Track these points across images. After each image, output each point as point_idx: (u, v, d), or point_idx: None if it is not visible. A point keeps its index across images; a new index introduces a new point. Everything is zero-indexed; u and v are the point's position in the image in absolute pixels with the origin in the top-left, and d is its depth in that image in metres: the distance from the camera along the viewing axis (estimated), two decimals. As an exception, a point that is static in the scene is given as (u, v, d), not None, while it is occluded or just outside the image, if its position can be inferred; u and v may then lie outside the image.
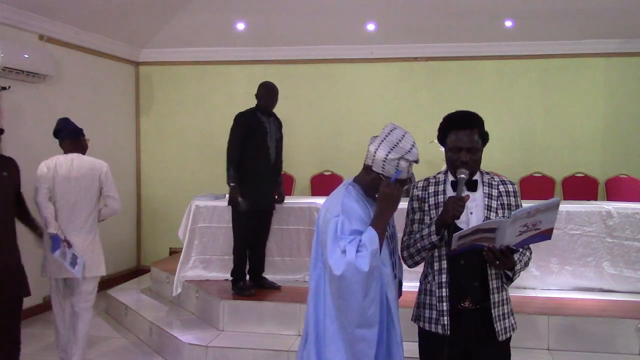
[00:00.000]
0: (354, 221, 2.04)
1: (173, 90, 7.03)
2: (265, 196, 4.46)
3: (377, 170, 2.10)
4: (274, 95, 4.46)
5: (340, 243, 1.99)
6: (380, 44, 6.59)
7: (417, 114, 6.52)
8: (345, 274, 1.94)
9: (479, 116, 2.24)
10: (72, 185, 3.72)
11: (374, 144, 2.13)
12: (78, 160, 3.79)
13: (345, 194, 2.12)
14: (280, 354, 3.86)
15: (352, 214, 2.05)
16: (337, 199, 2.11)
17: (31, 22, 5.17)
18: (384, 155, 2.07)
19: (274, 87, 4.49)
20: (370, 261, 1.95)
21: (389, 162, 2.07)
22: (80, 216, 3.75)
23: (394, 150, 2.07)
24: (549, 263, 4.54)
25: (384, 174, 2.09)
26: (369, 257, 1.95)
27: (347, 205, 2.07)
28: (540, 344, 3.87)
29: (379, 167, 2.09)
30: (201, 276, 4.86)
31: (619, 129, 6.34)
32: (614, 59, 6.32)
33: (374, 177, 2.12)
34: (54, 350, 4.36)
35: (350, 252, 1.96)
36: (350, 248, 1.97)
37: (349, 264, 1.94)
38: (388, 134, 2.10)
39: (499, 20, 6.01)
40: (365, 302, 1.97)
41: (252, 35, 6.57)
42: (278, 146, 4.53)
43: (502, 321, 2.19)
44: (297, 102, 6.79)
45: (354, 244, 1.98)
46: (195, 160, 6.95)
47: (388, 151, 2.07)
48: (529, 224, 2.00)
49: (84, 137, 3.93)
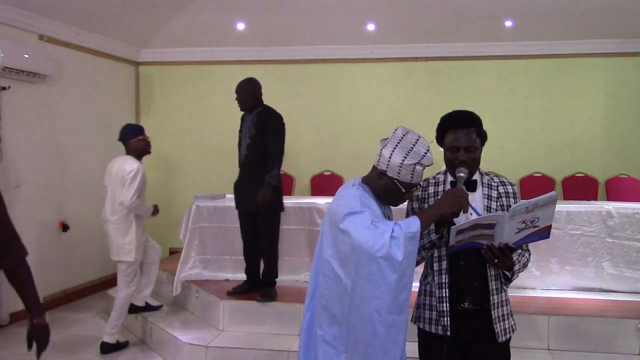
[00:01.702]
0: (377, 217, 2.02)
1: (173, 90, 7.04)
2: (240, 197, 4.35)
3: (392, 176, 2.05)
4: (240, 92, 4.30)
5: (379, 225, 1.94)
6: (380, 44, 6.60)
7: (417, 114, 6.52)
8: (382, 256, 1.90)
9: (477, 115, 2.24)
10: (110, 181, 4.38)
11: (387, 148, 2.07)
12: (117, 161, 4.42)
13: (361, 193, 2.09)
14: (280, 354, 3.86)
15: (375, 211, 2.04)
16: (352, 197, 2.06)
17: (31, 22, 5.17)
18: (399, 161, 2.03)
19: (240, 83, 4.34)
20: (405, 245, 1.90)
21: (405, 167, 2.03)
22: (113, 207, 4.32)
23: (410, 155, 2.03)
24: (549, 263, 4.54)
25: (400, 179, 2.05)
26: (402, 242, 1.90)
27: (366, 202, 2.05)
28: (540, 344, 3.87)
29: (395, 173, 2.05)
30: (201, 276, 4.86)
31: (619, 129, 6.34)
32: (614, 59, 6.32)
33: (387, 183, 2.08)
34: (54, 350, 4.37)
35: (386, 235, 1.91)
36: (387, 230, 1.92)
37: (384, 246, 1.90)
38: (402, 138, 2.06)
39: (499, 20, 6.01)
40: (398, 287, 1.92)
41: (252, 35, 6.56)
42: (251, 144, 4.24)
43: (502, 322, 2.19)
44: (297, 102, 6.79)
45: (389, 226, 1.94)
46: (195, 160, 6.95)
47: (404, 157, 2.03)
48: (527, 220, 2.00)
49: (130, 140, 4.38)
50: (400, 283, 1.92)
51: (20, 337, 3.73)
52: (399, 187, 2.08)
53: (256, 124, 4.24)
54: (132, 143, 4.36)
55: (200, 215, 4.90)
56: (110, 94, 6.51)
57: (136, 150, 4.38)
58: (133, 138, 4.36)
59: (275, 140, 4.24)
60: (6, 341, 4.55)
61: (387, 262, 1.90)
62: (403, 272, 1.91)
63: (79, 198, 5.87)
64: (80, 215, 5.87)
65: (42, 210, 5.38)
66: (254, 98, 4.31)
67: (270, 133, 4.22)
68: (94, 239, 6.10)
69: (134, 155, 4.37)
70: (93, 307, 5.54)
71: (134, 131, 4.40)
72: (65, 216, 5.65)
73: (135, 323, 4.69)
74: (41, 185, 5.37)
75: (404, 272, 1.91)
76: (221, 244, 4.89)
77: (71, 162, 5.79)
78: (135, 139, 4.36)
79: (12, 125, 4.99)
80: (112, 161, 4.46)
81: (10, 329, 4.82)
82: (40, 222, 5.35)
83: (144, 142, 4.42)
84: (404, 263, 1.90)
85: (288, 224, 4.82)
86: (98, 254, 6.16)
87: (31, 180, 5.24)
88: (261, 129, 4.22)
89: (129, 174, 4.22)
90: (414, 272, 1.95)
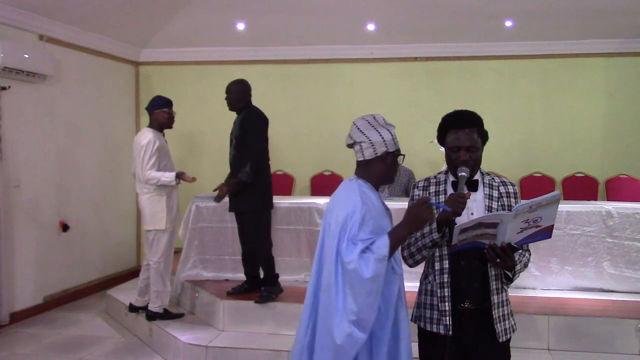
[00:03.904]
0: (374, 218, 2.07)
1: (173, 90, 6.98)
2: (229, 199, 4.37)
3: (393, 150, 2.18)
4: (228, 92, 4.34)
5: (355, 240, 2.02)
6: (380, 44, 6.59)
7: (417, 114, 6.52)
8: (353, 269, 1.97)
9: (478, 115, 2.24)
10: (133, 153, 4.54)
11: (371, 135, 2.17)
12: (138, 133, 4.59)
13: (360, 188, 2.14)
14: (280, 354, 3.86)
15: (372, 210, 2.09)
16: (350, 195, 2.11)
17: (31, 22, 5.17)
18: (390, 136, 2.18)
19: (230, 84, 4.37)
20: (375, 267, 1.97)
21: (394, 137, 2.19)
22: (138, 177, 4.46)
23: (389, 126, 2.21)
24: (549, 263, 4.54)
25: (397, 148, 2.19)
26: (372, 263, 1.97)
27: (366, 198, 2.10)
28: (540, 344, 3.87)
29: (392, 146, 2.18)
30: (201, 276, 4.87)
31: (619, 129, 6.34)
32: (614, 59, 6.32)
33: (392, 160, 2.20)
34: (54, 350, 4.38)
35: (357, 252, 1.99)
36: (361, 246, 1.99)
37: (356, 262, 1.97)
38: (370, 122, 2.22)
39: (499, 20, 6.01)
40: (362, 303, 1.97)
41: (252, 35, 6.56)
42: (236, 144, 4.28)
43: (503, 322, 2.19)
44: (297, 102, 6.79)
45: (365, 244, 2.01)
46: (195, 160, 6.95)
47: (388, 130, 2.19)
48: (530, 220, 2.00)
49: (157, 112, 4.49)
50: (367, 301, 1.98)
51: (21, 337, 3.74)
52: (394, 155, 2.21)
53: (240, 124, 4.27)
54: (156, 114, 4.48)
55: (200, 215, 4.90)
56: (110, 94, 6.50)
57: (158, 122, 4.49)
58: (157, 109, 4.48)
59: (253, 139, 4.21)
60: (6, 341, 4.55)
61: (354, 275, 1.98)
62: (370, 290, 1.97)
63: (79, 198, 5.87)
64: (80, 215, 5.87)
65: (42, 210, 5.37)
66: (241, 99, 4.32)
67: (249, 131, 4.22)
68: (94, 239, 6.11)
69: (155, 126, 4.48)
70: (93, 307, 5.54)
71: (161, 103, 4.50)
72: (65, 216, 5.65)
73: (136, 323, 4.69)
74: (41, 185, 5.36)
75: (370, 290, 1.97)
76: (221, 244, 4.89)
77: (71, 162, 5.79)
78: (159, 110, 4.47)
79: (12, 125, 4.99)
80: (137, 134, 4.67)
81: (10, 329, 4.82)
82: (40, 222, 5.35)
83: (167, 115, 4.50)
84: (367, 284, 1.97)
85: (288, 224, 4.82)
86: (98, 254, 6.17)
87: (31, 180, 5.24)
88: (245, 129, 4.23)
89: (143, 146, 4.34)
90: (379, 293, 2.00)
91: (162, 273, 4.45)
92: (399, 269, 2.14)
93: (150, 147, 4.33)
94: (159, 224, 4.42)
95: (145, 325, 4.53)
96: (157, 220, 4.41)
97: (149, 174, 4.33)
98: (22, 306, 5.10)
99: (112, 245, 6.40)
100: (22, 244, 5.13)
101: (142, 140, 4.38)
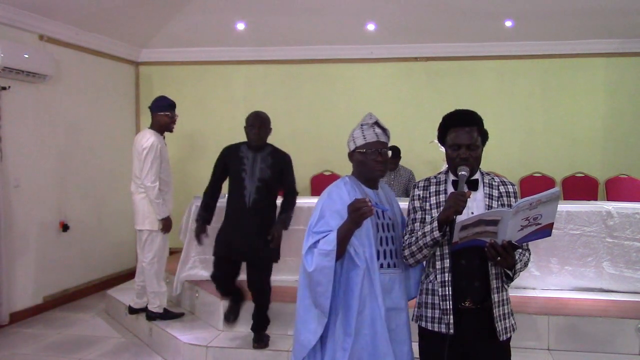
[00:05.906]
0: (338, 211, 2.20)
1: (173, 90, 6.99)
2: (237, 244, 3.79)
3: (354, 147, 2.32)
4: (257, 127, 3.76)
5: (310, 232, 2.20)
6: (380, 44, 6.60)
7: (417, 114, 6.52)
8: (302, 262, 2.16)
9: (478, 114, 2.26)
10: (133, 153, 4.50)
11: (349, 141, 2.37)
12: (139, 134, 4.55)
13: (338, 183, 2.33)
14: (281, 354, 3.86)
15: (335, 204, 2.23)
16: (328, 189, 2.34)
17: (31, 22, 5.17)
18: (351, 133, 2.35)
19: (257, 116, 3.81)
20: (318, 261, 2.10)
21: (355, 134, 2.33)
22: (135, 177, 4.45)
23: (356, 127, 2.36)
24: (549, 263, 4.54)
25: (356, 145, 2.31)
26: (316, 257, 2.11)
27: (335, 195, 2.28)
28: (540, 344, 3.87)
29: (353, 145, 2.33)
30: (201, 276, 4.85)
31: (619, 129, 6.34)
32: (614, 59, 6.33)
33: (357, 157, 2.33)
34: (54, 350, 4.38)
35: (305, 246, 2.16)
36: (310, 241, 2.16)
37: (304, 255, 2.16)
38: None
39: (499, 20, 6.01)
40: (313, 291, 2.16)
41: (252, 35, 6.56)
42: (262, 187, 3.74)
43: (503, 321, 2.20)
44: (297, 102, 6.79)
45: (315, 238, 2.16)
46: (195, 160, 6.95)
47: (353, 130, 2.36)
48: (531, 217, 2.01)
49: (159, 114, 4.44)
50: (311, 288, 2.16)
51: (20, 337, 3.72)
52: (362, 152, 2.29)
53: (272, 165, 3.79)
54: (158, 116, 4.45)
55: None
56: (110, 94, 6.50)
57: (158, 124, 4.45)
58: (160, 112, 4.44)
59: (292, 181, 3.92)
60: (6, 341, 4.55)
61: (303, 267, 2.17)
62: (317, 281, 2.12)
63: (79, 198, 5.87)
64: (80, 215, 5.87)
65: (42, 210, 5.37)
66: (267, 134, 3.89)
67: (285, 174, 3.87)
68: (94, 239, 6.11)
69: (156, 128, 4.45)
70: (93, 307, 5.54)
71: (164, 105, 4.45)
72: (65, 216, 5.65)
73: (136, 323, 4.69)
74: (41, 185, 5.37)
75: (318, 281, 2.12)
76: (221, 244, 4.87)
77: (71, 162, 5.79)
78: (161, 113, 4.43)
79: (12, 125, 4.99)
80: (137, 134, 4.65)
81: (10, 329, 4.82)
82: (40, 222, 5.35)
83: (168, 118, 4.45)
84: (314, 275, 2.12)
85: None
86: (98, 254, 6.16)
87: (31, 180, 5.24)
88: (279, 171, 3.81)
89: (144, 150, 4.30)
90: (330, 285, 2.11)
91: (156, 274, 4.44)
92: (360, 262, 2.19)
93: (153, 152, 4.28)
94: (152, 225, 4.40)
95: (145, 325, 4.53)
96: (150, 221, 4.40)
97: (151, 186, 4.30)
98: (22, 306, 5.10)
99: (112, 245, 6.40)
100: (22, 244, 5.13)
101: (145, 143, 4.33)
